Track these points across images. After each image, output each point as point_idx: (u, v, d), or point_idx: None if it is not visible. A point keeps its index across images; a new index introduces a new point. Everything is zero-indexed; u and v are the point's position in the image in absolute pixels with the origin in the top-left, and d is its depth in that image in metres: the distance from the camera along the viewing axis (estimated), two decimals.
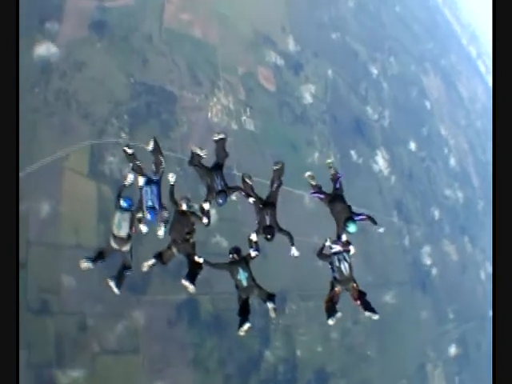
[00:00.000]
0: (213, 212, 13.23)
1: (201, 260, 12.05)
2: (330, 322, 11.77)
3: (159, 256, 12.06)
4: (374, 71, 69.39)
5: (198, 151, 12.70)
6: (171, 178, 12.45)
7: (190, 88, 45.47)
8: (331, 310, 11.85)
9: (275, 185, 12.82)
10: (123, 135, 38.35)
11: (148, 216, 11.89)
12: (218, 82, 47.76)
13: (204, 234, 35.86)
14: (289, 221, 12.91)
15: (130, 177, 12.51)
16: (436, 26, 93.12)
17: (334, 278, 11.85)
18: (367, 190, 53.96)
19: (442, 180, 68.93)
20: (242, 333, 11.47)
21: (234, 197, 12.99)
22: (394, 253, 55.95)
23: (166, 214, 12.19)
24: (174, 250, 12.06)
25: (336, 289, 11.86)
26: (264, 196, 12.76)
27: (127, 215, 11.89)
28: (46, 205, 34.51)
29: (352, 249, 12.03)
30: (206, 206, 12.27)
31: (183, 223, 11.95)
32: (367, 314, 11.53)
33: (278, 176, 12.81)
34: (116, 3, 46.51)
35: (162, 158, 12.72)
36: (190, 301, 37.32)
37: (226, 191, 12.27)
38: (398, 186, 60.98)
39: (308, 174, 13.02)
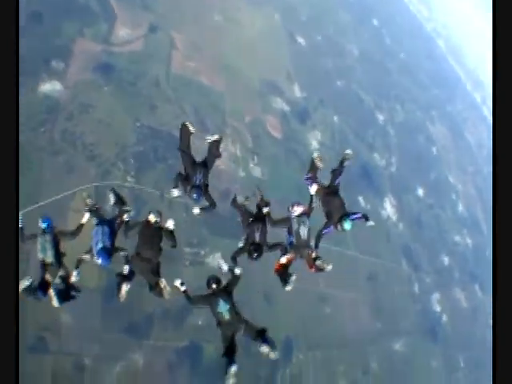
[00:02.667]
0: None
1: (182, 288, 11.25)
2: (288, 287, 11.43)
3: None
4: (381, 118, 69.75)
5: (189, 125, 12.53)
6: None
7: (196, 134, 44.58)
8: (285, 275, 11.59)
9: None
10: (129, 178, 38.20)
11: (99, 261, 10.80)
12: (225, 128, 47.86)
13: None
14: (294, 268, 12.39)
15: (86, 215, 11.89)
16: (441, 73, 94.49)
17: (290, 243, 11.65)
18: (375, 237, 53.38)
19: (451, 226, 68.26)
20: (230, 380, 10.14)
21: None
22: (403, 300, 54.98)
23: (122, 253, 11.49)
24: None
25: (290, 255, 11.60)
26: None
27: (50, 237, 11.12)
28: None
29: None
30: (175, 192, 12.23)
31: (152, 238, 11.39)
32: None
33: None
34: (123, 48, 47.57)
35: (126, 208, 12.20)
36: (192, 346, 36.75)
37: (201, 188, 11.94)
38: (406, 233, 60.39)
39: (316, 154, 12.87)
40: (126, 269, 11.24)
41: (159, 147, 42.28)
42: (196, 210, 12.39)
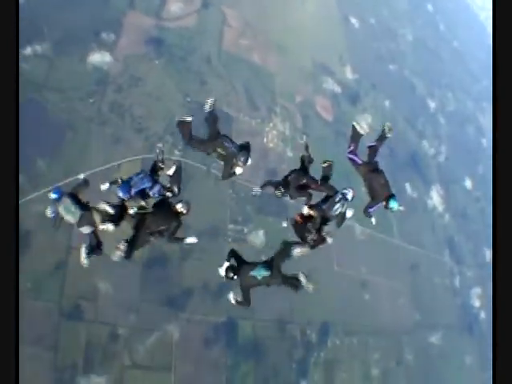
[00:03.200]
0: None
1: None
2: (297, 251, 11.53)
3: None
4: (432, 106, 68.21)
5: (183, 118, 11.59)
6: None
7: (246, 112, 45.35)
8: (302, 232, 11.80)
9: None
10: (176, 152, 38.10)
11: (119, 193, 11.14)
12: (275, 108, 47.49)
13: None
14: (338, 252, 12.09)
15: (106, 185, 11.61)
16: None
17: (321, 206, 11.76)
18: (420, 226, 52.53)
19: None
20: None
21: None
22: (443, 293, 54.16)
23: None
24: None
25: (312, 212, 11.66)
26: None
27: (67, 199, 10.93)
28: None
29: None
30: (239, 170, 11.56)
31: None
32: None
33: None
34: (175, 23, 47.46)
35: (175, 188, 11.82)
36: (229, 323, 36.76)
37: (244, 149, 11.48)
38: (451, 224, 59.17)
39: (355, 122, 12.01)
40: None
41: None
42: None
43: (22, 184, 31.31)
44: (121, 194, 11.12)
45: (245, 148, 11.51)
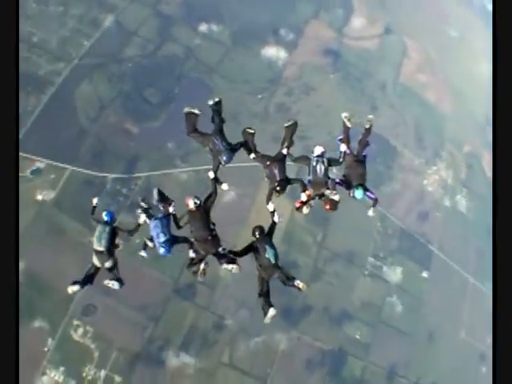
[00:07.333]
0: None
1: (225, 251, 11.51)
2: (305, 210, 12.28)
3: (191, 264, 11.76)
4: None
5: (192, 109, 12.46)
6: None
7: (412, 148, 44.05)
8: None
9: (286, 144, 12.95)
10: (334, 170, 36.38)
11: (161, 251, 11.38)
12: (442, 152, 45.49)
13: None
14: (469, 320, 10.18)
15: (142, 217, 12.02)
16: None
17: (309, 181, 12.19)
18: None
19: None
20: (268, 321, 11.55)
21: None
22: None
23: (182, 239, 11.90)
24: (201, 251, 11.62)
25: (308, 192, 12.14)
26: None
27: (108, 229, 11.55)
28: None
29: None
30: (211, 174, 12.23)
31: (202, 219, 11.57)
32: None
33: (289, 134, 13.01)
34: (356, 43, 47.42)
35: (170, 202, 12.12)
36: (339, 354, 35.57)
37: (229, 149, 12.23)
38: None
39: (345, 114, 12.79)
40: (190, 253, 11.66)
41: (370, 148, 39.61)
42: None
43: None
44: (165, 253, 11.51)
45: (232, 149, 12.32)
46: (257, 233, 11.65)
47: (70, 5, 40.57)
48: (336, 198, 11.86)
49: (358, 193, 11.82)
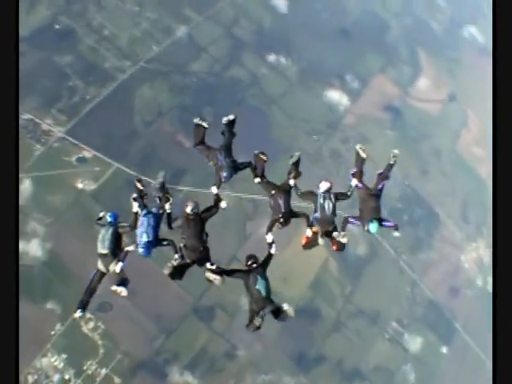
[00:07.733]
0: None
1: (213, 267, 11.31)
2: (321, 241, 12.09)
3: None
4: None
5: (201, 122, 12.54)
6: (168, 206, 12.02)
7: (456, 221, 43.65)
8: (311, 247, 12.53)
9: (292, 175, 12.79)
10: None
11: (140, 251, 11.15)
12: (484, 229, 44.55)
13: None
14: None
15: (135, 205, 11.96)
16: None
17: (315, 218, 12.10)
18: None
19: None
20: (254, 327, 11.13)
21: None
22: None
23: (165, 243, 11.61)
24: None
25: (314, 228, 12.09)
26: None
27: (111, 230, 11.53)
28: None
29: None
30: (214, 189, 12.19)
31: (196, 228, 11.39)
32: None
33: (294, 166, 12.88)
34: (418, 104, 47.42)
35: (169, 196, 12.05)
36: None
37: (232, 167, 12.16)
38: None
39: (360, 145, 13.22)
40: (176, 258, 11.22)
41: (415, 213, 41.59)
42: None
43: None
44: (145, 253, 11.32)
45: (235, 167, 12.28)
46: (249, 262, 11.42)
47: (146, 7, 41.55)
48: (344, 240, 11.99)
49: (373, 226, 11.93)
